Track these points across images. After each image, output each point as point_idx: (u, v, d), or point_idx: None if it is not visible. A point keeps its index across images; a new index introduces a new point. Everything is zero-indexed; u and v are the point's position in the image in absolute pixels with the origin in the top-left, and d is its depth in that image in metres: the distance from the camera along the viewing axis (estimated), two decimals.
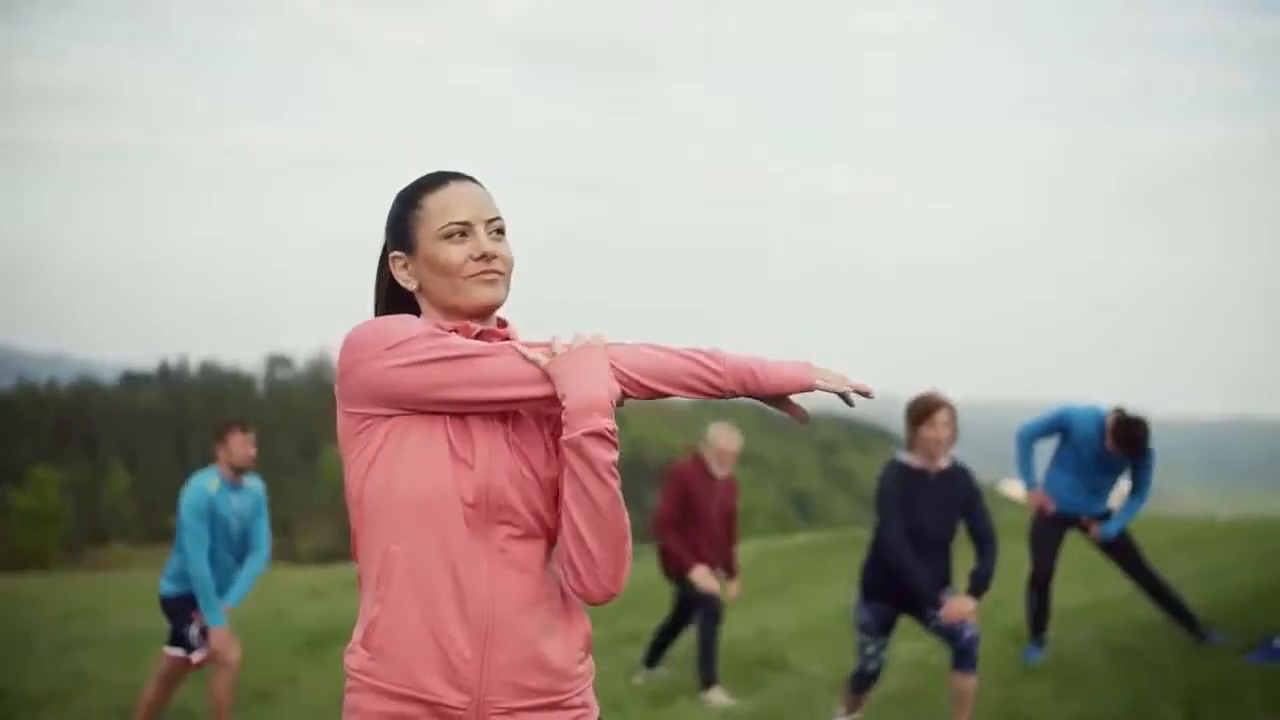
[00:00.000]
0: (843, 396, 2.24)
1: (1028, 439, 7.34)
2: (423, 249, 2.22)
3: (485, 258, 2.21)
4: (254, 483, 6.53)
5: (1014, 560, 7.28)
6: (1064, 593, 7.86)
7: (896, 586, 5.61)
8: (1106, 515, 7.32)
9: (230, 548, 6.39)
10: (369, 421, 2.15)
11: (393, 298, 2.31)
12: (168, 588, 6.40)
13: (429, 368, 2.11)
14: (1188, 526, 14.36)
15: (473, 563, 2.14)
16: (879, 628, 5.80)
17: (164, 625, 6.51)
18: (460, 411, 2.15)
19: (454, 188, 2.24)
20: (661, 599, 8.50)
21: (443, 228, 2.20)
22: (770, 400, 2.23)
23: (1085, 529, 7.34)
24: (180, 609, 6.35)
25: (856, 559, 14.80)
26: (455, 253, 2.20)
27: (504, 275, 2.24)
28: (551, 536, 2.22)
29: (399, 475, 2.13)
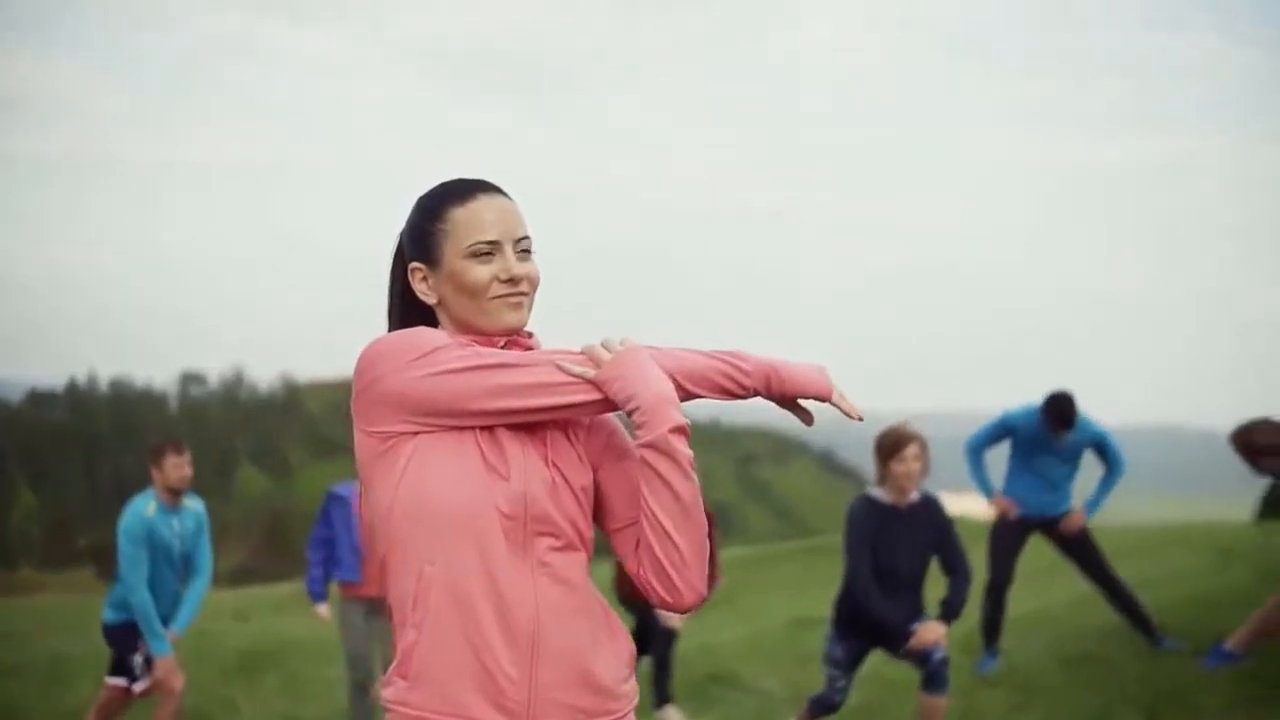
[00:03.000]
0: (845, 414, 2.22)
1: (976, 449, 7.35)
2: (447, 265, 2.12)
3: (513, 280, 2.12)
4: (194, 503, 6.31)
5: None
6: (1012, 600, 7.85)
7: (868, 622, 5.48)
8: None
9: (174, 571, 6.16)
10: (393, 440, 2.04)
11: (407, 308, 2.21)
12: (110, 615, 6.17)
13: (465, 376, 2.01)
14: (1132, 535, 14.49)
15: (514, 577, 2.03)
16: (850, 663, 5.69)
17: (92, 649, 6.29)
18: (499, 422, 2.05)
19: (483, 201, 2.14)
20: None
21: (470, 246, 2.11)
22: (782, 402, 2.19)
23: (1050, 532, 7.34)
24: (124, 637, 6.12)
25: (793, 572, 14.89)
26: (482, 273, 2.11)
27: (529, 296, 2.15)
28: (589, 548, 2.14)
29: (430, 491, 2.02)
